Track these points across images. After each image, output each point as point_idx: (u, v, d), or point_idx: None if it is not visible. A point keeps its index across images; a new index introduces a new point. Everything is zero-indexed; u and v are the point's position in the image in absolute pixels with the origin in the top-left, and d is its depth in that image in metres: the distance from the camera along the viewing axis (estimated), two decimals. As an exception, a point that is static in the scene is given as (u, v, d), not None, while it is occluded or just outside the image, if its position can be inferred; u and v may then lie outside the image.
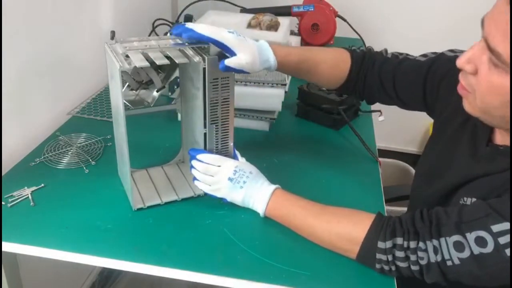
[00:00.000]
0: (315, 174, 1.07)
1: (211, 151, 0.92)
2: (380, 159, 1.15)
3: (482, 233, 0.69)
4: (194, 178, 0.92)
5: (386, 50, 1.05)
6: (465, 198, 0.82)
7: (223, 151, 0.94)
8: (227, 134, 0.93)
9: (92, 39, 1.40)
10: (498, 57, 0.67)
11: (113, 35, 1.35)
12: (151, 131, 1.21)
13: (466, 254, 0.69)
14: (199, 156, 0.90)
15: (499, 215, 0.69)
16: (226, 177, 0.88)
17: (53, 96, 1.25)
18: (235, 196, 0.89)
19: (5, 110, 1.03)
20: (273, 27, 1.56)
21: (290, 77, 1.37)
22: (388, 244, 0.74)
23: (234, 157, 0.95)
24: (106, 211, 0.91)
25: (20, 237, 0.83)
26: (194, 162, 0.91)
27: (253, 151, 1.02)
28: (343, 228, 0.80)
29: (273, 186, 0.90)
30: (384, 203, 0.99)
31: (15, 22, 1.04)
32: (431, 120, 1.01)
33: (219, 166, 0.90)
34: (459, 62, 0.74)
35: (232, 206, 0.93)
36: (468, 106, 0.78)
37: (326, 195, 0.97)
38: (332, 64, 1.02)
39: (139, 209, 0.91)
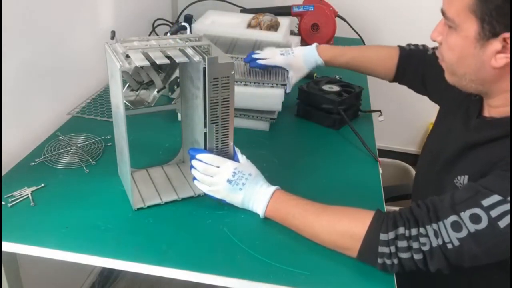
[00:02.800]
0: (315, 174, 1.07)
1: (211, 151, 0.92)
2: (380, 159, 1.15)
3: (475, 210, 0.72)
4: (194, 178, 0.92)
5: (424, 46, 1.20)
6: (459, 177, 0.85)
7: (223, 151, 0.94)
8: (227, 134, 0.93)
9: (92, 39, 1.40)
10: (446, 18, 0.80)
11: (113, 35, 1.35)
12: (151, 131, 1.21)
13: (463, 233, 0.72)
14: (198, 156, 0.90)
15: (488, 190, 0.72)
16: (225, 179, 0.88)
17: (53, 96, 1.25)
18: (234, 198, 0.90)
19: (5, 110, 1.03)
20: (273, 27, 1.56)
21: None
22: (391, 235, 0.75)
23: (234, 157, 0.95)
24: (106, 211, 0.91)
25: (20, 237, 0.83)
26: (194, 162, 0.91)
27: (253, 151, 1.01)
28: (344, 226, 0.81)
29: (272, 188, 0.90)
30: (384, 203, 0.99)
31: (15, 22, 1.04)
32: (431, 120, 1.01)
33: (218, 167, 0.90)
34: (432, 36, 0.86)
35: (232, 206, 0.93)
36: (445, 74, 0.88)
37: (326, 195, 0.97)
38: (379, 63, 1.22)
39: (139, 209, 0.91)
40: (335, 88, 1.32)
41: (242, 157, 0.94)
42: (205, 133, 0.91)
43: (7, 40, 1.01)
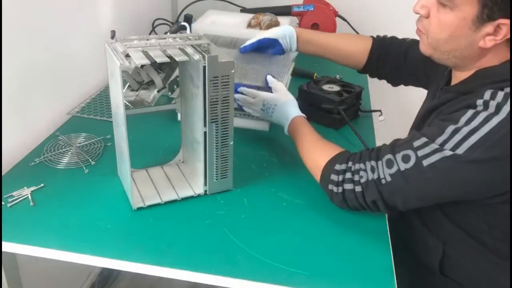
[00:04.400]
0: (315, 174, 1.07)
1: (249, 86, 1.17)
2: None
3: (407, 151, 0.82)
4: (240, 106, 1.15)
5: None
6: None
7: (223, 150, 0.94)
8: (227, 133, 0.93)
9: (92, 39, 1.40)
10: None
11: (113, 34, 1.34)
12: (151, 131, 1.21)
13: (394, 169, 0.82)
14: (239, 89, 1.15)
15: (420, 134, 0.83)
16: (259, 108, 1.13)
17: (53, 96, 1.24)
18: (269, 118, 1.13)
19: (5, 110, 1.03)
20: (273, 27, 1.56)
21: (290, 77, 1.37)
22: (342, 166, 0.88)
23: (267, 87, 1.17)
24: (106, 211, 0.91)
25: (20, 237, 0.83)
26: (236, 95, 1.14)
27: (253, 151, 1.01)
28: (317, 157, 0.95)
29: (292, 116, 1.07)
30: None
31: (15, 22, 1.04)
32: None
33: (254, 98, 1.13)
34: (415, 8, 0.88)
35: (232, 206, 0.93)
36: (422, 46, 0.92)
37: (326, 194, 0.96)
38: (352, 48, 1.25)
39: (139, 209, 0.91)
40: (335, 88, 1.32)
41: (275, 89, 1.14)
42: (204, 132, 0.91)
43: (7, 40, 1.00)
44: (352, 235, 0.88)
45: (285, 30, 1.23)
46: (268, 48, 1.26)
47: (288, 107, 1.09)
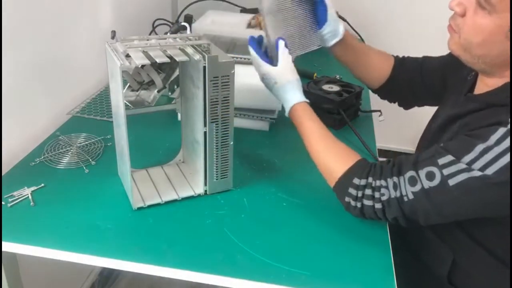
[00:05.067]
0: (315, 174, 1.07)
1: (260, 53, 0.99)
2: (380, 159, 1.14)
3: (431, 168, 0.78)
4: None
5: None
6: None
7: (223, 150, 0.94)
8: (227, 133, 0.93)
9: (92, 39, 1.40)
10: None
11: (113, 34, 1.34)
12: (151, 131, 1.21)
13: (417, 188, 0.78)
14: (249, 48, 0.99)
15: (444, 150, 0.78)
16: (260, 77, 0.99)
17: (53, 96, 1.25)
18: (269, 90, 0.99)
19: (5, 110, 1.03)
20: (273, 27, 1.56)
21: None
22: (362, 182, 0.83)
23: (277, 51, 0.97)
24: (106, 211, 0.91)
25: (20, 237, 0.83)
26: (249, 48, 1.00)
27: (253, 151, 1.02)
28: (330, 162, 0.90)
29: (293, 101, 0.95)
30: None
31: (15, 22, 1.04)
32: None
33: (256, 65, 0.99)
34: (451, 4, 0.83)
35: (232, 206, 0.93)
36: (452, 44, 0.87)
37: (327, 194, 0.96)
38: (380, 61, 1.17)
39: (139, 209, 0.91)
40: (335, 88, 1.32)
41: (280, 63, 0.96)
42: (205, 132, 0.91)
43: (7, 39, 1.00)
44: (352, 235, 0.88)
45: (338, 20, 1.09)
46: (318, 6, 1.05)
47: (289, 88, 0.96)
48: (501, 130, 0.74)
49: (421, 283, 0.99)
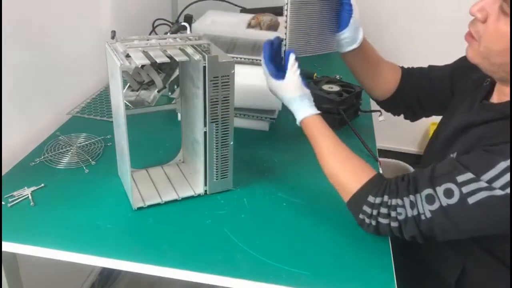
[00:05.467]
0: (315, 174, 1.07)
1: (270, 61, 0.97)
2: (380, 159, 1.15)
3: (449, 185, 0.75)
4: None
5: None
6: (451, 155, 0.85)
7: (223, 150, 0.94)
8: (227, 133, 0.93)
9: (92, 39, 1.40)
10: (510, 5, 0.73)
11: (113, 34, 1.34)
12: (151, 131, 1.21)
13: (435, 206, 0.76)
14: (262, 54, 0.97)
15: (463, 167, 0.75)
16: (268, 88, 0.99)
17: (53, 96, 1.25)
18: (280, 100, 0.99)
19: (5, 110, 1.03)
20: (273, 27, 1.56)
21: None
22: (377, 200, 0.81)
23: (286, 64, 0.96)
24: (106, 211, 0.91)
25: (20, 237, 0.83)
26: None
27: (253, 151, 1.01)
28: (343, 178, 0.87)
29: (303, 115, 0.94)
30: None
31: (16, 22, 1.04)
32: (432, 120, 1.01)
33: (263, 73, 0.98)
34: (472, 10, 0.79)
35: (232, 206, 0.93)
36: (471, 52, 0.83)
37: (327, 195, 0.96)
38: (389, 71, 1.14)
39: (139, 209, 0.91)
40: (335, 88, 1.32)
41: (287, 77, 0.95)
42: (205, 132, 0.91)
43: (7, 40, 1.00)
44: (352, 235, 0.88)
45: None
46: (344, 7, 1.02)
47: (294, 104, 0.95)
48: None
49: (427, 287, 0.98)
